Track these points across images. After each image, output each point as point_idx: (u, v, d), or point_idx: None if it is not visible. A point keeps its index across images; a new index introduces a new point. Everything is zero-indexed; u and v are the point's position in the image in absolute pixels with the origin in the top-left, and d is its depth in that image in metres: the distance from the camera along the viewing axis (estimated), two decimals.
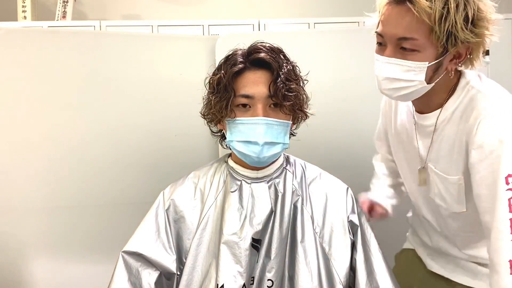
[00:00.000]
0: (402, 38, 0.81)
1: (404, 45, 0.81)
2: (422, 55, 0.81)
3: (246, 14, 2.39)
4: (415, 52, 0.81)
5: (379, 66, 0.86)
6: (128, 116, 1.41)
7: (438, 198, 0.97)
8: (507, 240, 0.76)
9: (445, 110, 0.91)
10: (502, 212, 0.77)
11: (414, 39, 0.80)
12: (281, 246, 0.92)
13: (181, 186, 1.00)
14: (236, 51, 0.94)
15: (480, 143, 0.80)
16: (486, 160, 0.80)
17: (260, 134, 0.88)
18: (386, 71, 0.84)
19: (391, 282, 0.93)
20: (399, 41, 0.81)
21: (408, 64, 0.82)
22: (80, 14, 2.33)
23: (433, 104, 0.92)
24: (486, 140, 0.80)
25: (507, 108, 0.82)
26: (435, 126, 0.92)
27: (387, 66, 0.84)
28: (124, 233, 0.98)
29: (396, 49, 0.83)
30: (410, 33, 0.80)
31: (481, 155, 0.81)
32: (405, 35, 0.80)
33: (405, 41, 0.81)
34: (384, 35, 0.84)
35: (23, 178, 1.35)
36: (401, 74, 0.83)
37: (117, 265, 0.91)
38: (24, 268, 1.37)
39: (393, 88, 0.86)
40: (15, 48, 1.33)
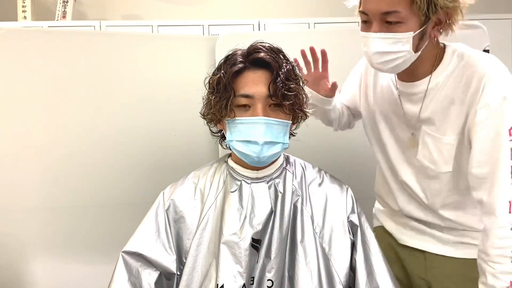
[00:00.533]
0: (386, 13, 0.86)
1: (388, 18, 0.86)
2: (407, 26, 0.86)
3: (246, 14, 2.39)
4: (399, 24, 0.86)
5: (368, 43, 0.90)
6: (128, 116, 1.41)
7: (427, 160, 1.00)
8: (507, 184, 0.84)
9: (435, 76, 0.96)
10: (504, 160, 0.84)
11: (397, 11, 0.85)
12: (281, 246, 0.92)
13: (181, 186, 1.00)
14: (236, 51, 0.94)
15: (487, 102, 0.86)
16: (491, 117, 0.86)
17: (260, 134, 0.88)
18: (375, 46, 0.89)
19: (391, 282, 0.93)
20: (383, 15, 0.86)
21: (395, 36, 0.87)
22: (80, 14, 2.33)
23: (420, 72, 0.97)
24: (492, 99, 0.86)
25: (503, 68, 0.89)
26: (426, 92, 0.97)
27: (376, 41, 0.88)
28: (124, 233, 0.98)
29: (382, 24, 0.87)
30: (393, 6, 0.85)
31: (487, 112, 0.86)
32: (388, 9, 0.85)
33: (389, 15, 0.86)
34: (368, 12, 0.88)
35: (23, 178, 1.36)
36: (389, 47, 0.88)
37: (117, 265, 0.91)
38: (24, 268, 1.37)
39: (384, 61, 0.90)
40: (15, 48, 1.33)
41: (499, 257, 0.84)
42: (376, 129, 1.14)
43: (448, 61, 0.95)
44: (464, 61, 0.93)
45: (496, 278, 0.84)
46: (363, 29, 0.92)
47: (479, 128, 0.88)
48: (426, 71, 0.97)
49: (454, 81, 0.93)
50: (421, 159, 1.02)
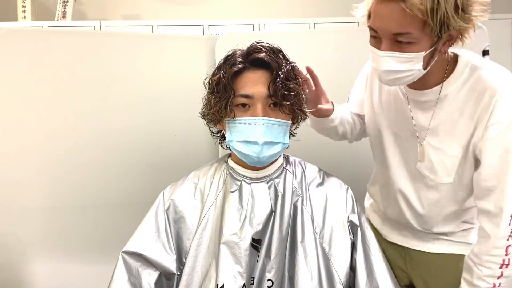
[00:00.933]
0: (397, 34, 0.82)
1: (399, 38, 0.83)
2: (418, 46, 0.83)
3: (246, 14, 2.39)
4: (411, 44, 0.83)
5: (377, 60, 0.88)
6: (128, 116, 1.41)
7: (427, 170, 1.00)
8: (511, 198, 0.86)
9: (446, 86, 0.94)
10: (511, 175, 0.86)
11: (409, 33, 0.82)
12: (281, 246, 0.92)
13: (181, 186, 1.00)
14: (236, 51, 0.94)
15: (499, 119, 0.87)
16: (501, 134, 0.87)
17: (259, 134, 0.88)
18: (385, 64, 0.86)
19: (391, 282, 0.93)
20: (394, 36, 0.83)
21: (406, 56, 0.84)
22: (80, 14, 2.33)
23: (431, 81, 0.95)
24: (504, 116, 0.86)
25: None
26: (437, 100, 0.96)
27: (386, 60, 0.86)
28: (124, 233, 0.98)
29: (392, 43, 0.85)
30: (404, 28, 0.81)
31: (499, 129, 0.87)
32: (399, 31, 0.82)
33: (400, 35, 0.83)
34: (378, 30, 0.85)
35: (23, 178, 1.36)
36: (400, 66, 0.86)
37: (117, 265, 0.91)
38: (24, 268, 1.37)
39: (394, 78, 0.89)
40: (15, 48, 1.33)
41: (490, 263, 0.89)
42: (378, 134, 1.13)
43: (461, 71, 0.93)
44: (477, 74, 0.91)
45: (482, 280, 0.89)
46: (372, 43, 0.90)
47: (489, 144, 0.89)
48: (437, 80, 0.95)
49: (466, 94, 0.92)
50: (420, 168, 1.02)
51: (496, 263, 0.88)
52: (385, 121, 1.10)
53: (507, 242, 0.88)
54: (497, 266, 0.88)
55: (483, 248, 0.91)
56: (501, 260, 0.88)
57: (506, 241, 0.88)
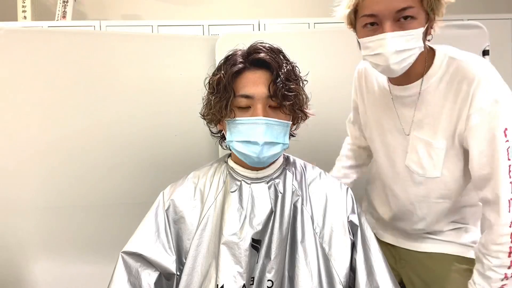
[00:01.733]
0: (402, 9, 0.86)
1: (404, 14, 0.87)
2: (418, 21, 0.88)
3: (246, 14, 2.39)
4: (412, 19, 0.88)
5: (384, 44, 0.89)
6: (128, 116, 1.41)
7: (415, 165, 1.02)
8: (507, 183, 0.88)
9: (427, 79, 0.97)
10: (503, 161, 0.88)
11: (411, 7, 0.87)
12: (281, 247, 0.92)
13: (181, 186, 1.00)
14: (236, 52, 0.94)
15: (480, 106, 0.89)
16: (485, 120, 0.89)
17: (260, 134, 0.88)
18: (394, 45, 0.88)
19: (391, 282, 0.92)
20: (398, 13, 0.87)
21: (410, 34, 0.88)
22: (80, 14, 2.33)
23: (412, 75, 0.98)
24: (485, 103, 0.89)
25: (493, 71, 0.91)
26: (419, 94, 0.99)
27: (394, 41, 0.88)
28: (124, 233, 0.98)
29: (395, 22, 0.88)
30: (408, 2, 0.86)
31: (481, 116, 0.89)
32: (404, 5, 0.86)
33: (404, 10, 0.86)
34: (380, 13, 0.88)
35: (23, 178, 1.35)
36: (406, 44, 0.88)
37: (117, 266, 0.91)
38: (24, 267, 1.37)
39: (401, 59, 0.90)
40: (15, 48, 1.33)
41: (497, 252, 0.89)
42: (371, 135, 1.16)
43: (439, 64, 0.96)
44: (454, 66, 0.94)
45: (493, 271, 0.90)
46: (369, 33, 0.91)
47: (475, 132, 0.91)
48: (418, 74, 0.98)
49: (446, 86, 0.95)
50: (409, 164, 1.03)
51: (504, 252, 0.88)
52: (374, 121, 1.13)
53: (510, 229, 0.88)
54: (506, 255, 0.89)
55: (488, 238, 0.91)
56: (508, 248, 0.88)
57: (509, 227, 0.88)
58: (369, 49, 0.93)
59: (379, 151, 1.13)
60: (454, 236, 1.08)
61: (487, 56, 1.42)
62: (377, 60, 0.92)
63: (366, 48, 0.94)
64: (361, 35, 0.94)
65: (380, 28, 0.89)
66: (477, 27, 1.40)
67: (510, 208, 0.88)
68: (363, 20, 0.92)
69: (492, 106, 0.88)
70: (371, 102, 1.14)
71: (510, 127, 0.88)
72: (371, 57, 0.93)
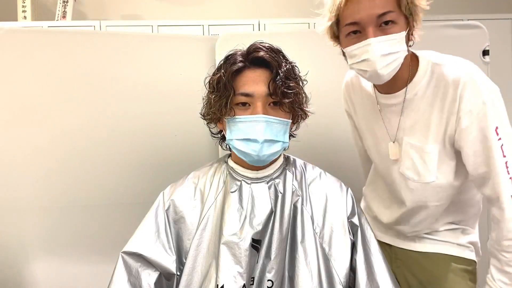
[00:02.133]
0: (382, 15, 0.88)
1: (384, 19, 0.89)
2: (399, 25, 0.90)
3: (246, 14, 2.39)
4: (393, 24, 0.90)
5: (370, 49, 0.90)
6: (128, 116, 1.41)
7: (410, 171, 1.03)
8: (506, 179, 0.91)
9: (412, 86, 0.99)
10: (498, 158, 0.90)
11: (391, 11, 0.89)
12: (281, 247, 0.92)
13: (181, 187, 1.00)
14: (236, 51, 0.94)
15: (469, 109, 0.91)
16: (475, 121, 0.91)
17: (260, 132, 0.88)
18: (380, 49, 0.89)
19: (391, 282, 0.93)
20: (379, 18, 0.89)
21: (393, 38, 0.90)
22: (80, 14, 2.33)
23: (398, 83, 0.99)
24: (473, 105, 0.91)
25: (477, 72, 0.93)
26: (404, 102, 1.01)
27: (379, 45, 0.89)
28: (124, 233, 0.98)
29: (377, 28, 0.89)
30: (387, 7, 0.88)
31: (471, 118, 0.91)
32: (383, 11, 0.88)
33: (384, 16, 0.89)
34: (361, 20, 0.89)
35: (23, 178, 1.35)
36: (391, 48, 0.90)
37: (117, 266, 0.91)
38: (24, 268, 1.37)
39: (388, 63, 0.91)
40: (15, 48, 1.33)
41: (510, 247, 0.91)
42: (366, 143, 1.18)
43: (424, 71, 0.98)
44: (438, 71, 0.96)
45: (509, 265, 0.92)
46: (354, 41, 0.92)
47: (467, 134, 0.93)
48: (403, 81, 0.99)
49: (433, 91, 0.97)
50: (403, 170, 1.04)
51: None
52: (367, 130, 1.15)
53: None
54: None
55: (499, 234, 0.93)
56: None
57: None
58: (355, 57, 0.93)
59: (375, 158, 1.16)
60: (451, 236, 1.09)
61: (487, 56, 1.42)
62: (364, 66, 0.92)
63: (352, 57, 0.94)
64: (345, 45, 0.95)
65: (363, 36, 0.91)
66: (477, 27, 1.40)
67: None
68: (346, 29, 0.93)
69: (480, 107, 0.90)
70: (362, 112, 1.16)
71: (501, 125, 0.90)
72: (358, 64, 0.94)
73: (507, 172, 0.90)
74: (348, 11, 0.91)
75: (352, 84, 1.18)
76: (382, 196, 1.19)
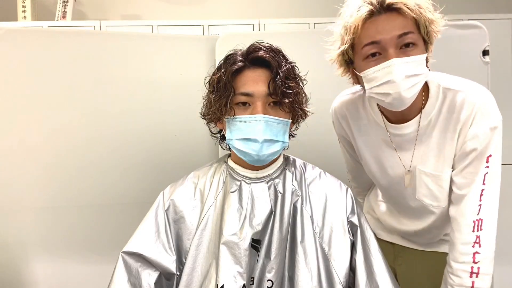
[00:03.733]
0: (403, 34, 0.86)
1: (405, 41, 0.86)
2: (419, 48, 0.88)
3: (246, 14, 2.39)
4: (414, 46, 0.87)
5: (393, 70, 0.86)
6: (128, 116, 1.41)
7: (428, 198, 1.01)
8: (475, 204, 0.91)
9: (425, 115, 0.97)
10: (478, 184, 0.91)
11: (412, 32, 0.87)
12: (281, 247, 0.92)
13: (181, 186, 1.00)
14: (236, 51, 0.94)
15: (476, 133, 0.91)
16: (478, 146, 0.91)
17: (259, 131, 0.88)
18: (404, 70, 0.86)
19: (391, 282, 0.92)
20: (400, 39, 0.86)
21: (415, 60, 0.87)
22: (80, 14, 2.33)
23: (413, 109, 0.97)
24: (480, 130, 0.90)
25: (489, 98, 0.92)
26: (418, 130, 0.98)
27: (402, 66, 0.86)
28: (124, 233, 0.98)
29: (398, 50, 0.87)
30: (407, 28, 0.86)
31: (475, 144, 0.91)
32: (404, 31, 0.86)
33: (405, 36, 0.86)
34: (382, 41, 0.86)
35: (23, 178, 1.36)
36: (415, 69, 0.87)
37: (117, 266, 0.91)
38: (24, 268, 1.37)
39: (411, 86, 0.88)
40: (15, 48, 1.33)
41: (459, 271, 0.91)
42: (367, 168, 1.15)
43: (435, 96, 0.96)
44: (451, 96, 0.94)
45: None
46: (373, 64, 0.89)
47: (466, 157, 0.93)
48: (417, 109, 0.97)
49: (445, 117, 0.95)
50: (420, 197, 1.03)
51: (465, 271, 0.91)
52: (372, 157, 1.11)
53: (473, 248, 0.90)
54: (467, 274, 0.90)
55: (451, 256, 0.94)
56: (469, 268, 0.90)
57: (472, 247, 0.90)
58: (374, 80, 0.89)
59: (383, 184, 1.13)
60: None
61: (487, 56, 1.42)
62: (386, 89, 0.88)
63: (370, 81, 0.90)
64: (363, 69, 0.91)
65: (383, 58, 0.87)
66: (477, 27, 1.40)
67: (474, 228, 0.90)
68: (365, 51, 0.89)
69: (486, 134, 0.90)
70: (365, 140, 1.11)
71: (494, 154, 0.90)
72: (378, 87, 0.89)
73: (480, 199, 0.91)
74: (367, 31, 0.87)
75: (347, 110, 1.13)
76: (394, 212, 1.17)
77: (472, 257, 0.90)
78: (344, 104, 1.14)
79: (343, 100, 1.15)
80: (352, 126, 1.13)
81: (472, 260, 0.90)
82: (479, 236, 0.90)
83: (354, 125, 1.12)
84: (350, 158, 1.25)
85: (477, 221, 0.90)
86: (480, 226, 0.90)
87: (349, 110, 1.13)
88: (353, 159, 1.24)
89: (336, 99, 1.18)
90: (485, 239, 0.90)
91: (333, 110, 1.19)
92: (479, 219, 0.90)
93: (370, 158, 1.11)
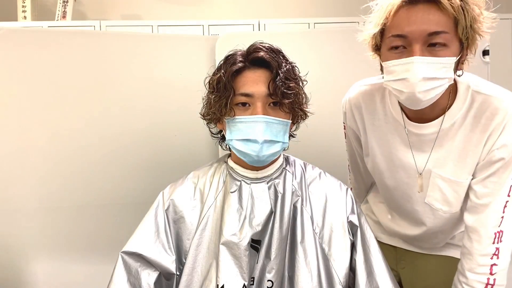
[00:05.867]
0: (434, 33, 0.79)
1: (435, 40, 0.79)
2: (450, 50, 0.81)
3: (246, 14, 2.39)
4: (444, 47, 0.80)
5: (411, 68, 0.80)
6: (128, 116, 1.41)
7: (439, 202, 0.98)
8: (498, 216, 0.88)
9: (449, 116, 0.91)
10: (503, 195, 0.87)
11: (445, 32, 0.79)
12: (281, 247, 0.92)
13: (181, 186, 1.00)
14: (236, 52, 0.94)
15: (504, 143, 0.86)
16: (506, 155, 0.87)
17: (259, 132, 0.88)
18: (423, 71, 0.80)
19: (391, 282, 0.92)
20: (429, 37, 0.79)
21: (441, 61, 0.80)
22: (80, 14, 2.33)
23: (436, 109, 0.91)
24: (510, 140, 0.86)
25: None
26: (439, 132, 0.93)
27: (422, 66, 0.80)
28: (124, 233, 0.98)
29: (425, 48, 0.80)
30: (442, 26, 0.79)
31: (503, 153, 0.87)
32: (437, 29, 0.79)
33: (437, 35, 0.79)
34: (410, 35, 0.80)
35: (23, 178, 1.35)
36: (436, 72, 0.80)
37: (117, 266, 0.91)
38: (24, 268, 1.37)
39: (429, 89, 0.82)
40: (15, 48, 1.33)
41: (475, 282, 0.89)
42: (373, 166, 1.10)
43: (463, 98, 0.90)
44: (481, 100, 0.88)
45: None
46: (395, 56, 0.83)
47: (492, 166, 0.88)
48: (441, 109, 0.91)
49: (472, 121, 0.89)
50: (430, 201, 0.99)
51: (481, 282, 0.89)
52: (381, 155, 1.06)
53: (491, 260, 0.88)
54: (482, 285, 0.88)
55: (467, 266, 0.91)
56: (485, 279, 0.88)
57: (490, 259, 0.88)
58: (393, 73, 0.84)
59: (389, 184, 1.08)
60: (459, 239, 1.06)
61: (487, 56, 1.42)
62: (401, 86, 0.83)
63: (389, 73, 0.85)
64: (385, 59, 0.86)
65: (407, 52, 0.82)
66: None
67: (495, 240, 0.87)
68: (390, 41, 0.84)
69: None
70: (377, 135, 1.05)
71: None
72: (394, 82, 0.84)
73: (503, 211, 0.87)
74: (398, 19, 0.81)
75: (363, 101, 1.06)
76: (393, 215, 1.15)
77: (489, 269, 0.88)
78: (361, 94, 1.07)
79: (361, 90, 1.07)
80: (365, 119, 1.06)
81: (489, 271, 0.88)
82: (498, 248, 0.88)
83: (368, 119, 1.05)
84: (356, 154, 1.19)
85: (497, 233, 0.88)
86: (500, 238, 0.88)
87: (365, 102, 1.05)
88: (358, 156, 1.19)
89: (352, 88, 1.11)
90: (503, 251, 0.88)
91: (346, 100, 1.11)
92: (500, 230, 0.88)
93: (380, 156, 1.06)
